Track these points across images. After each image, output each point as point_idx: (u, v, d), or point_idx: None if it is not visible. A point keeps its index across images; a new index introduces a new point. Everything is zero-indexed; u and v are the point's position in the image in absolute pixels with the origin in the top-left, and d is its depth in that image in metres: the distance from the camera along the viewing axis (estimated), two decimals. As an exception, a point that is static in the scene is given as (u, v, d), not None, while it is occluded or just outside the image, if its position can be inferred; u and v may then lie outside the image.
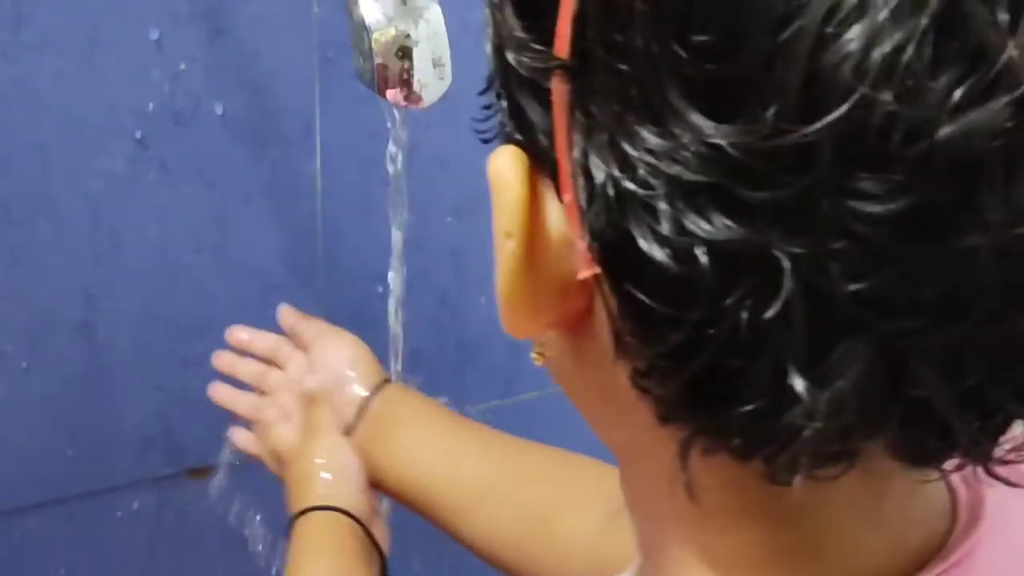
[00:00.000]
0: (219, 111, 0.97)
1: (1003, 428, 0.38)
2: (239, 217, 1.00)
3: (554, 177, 0.40)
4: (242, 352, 0.96)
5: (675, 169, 0.34)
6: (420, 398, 0.93)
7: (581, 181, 0.37)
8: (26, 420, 0.98)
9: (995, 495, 0.44)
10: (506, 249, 0.41)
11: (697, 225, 0.34)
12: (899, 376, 0.35)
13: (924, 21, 0.31)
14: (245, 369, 0.96)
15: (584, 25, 0.36)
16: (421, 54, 0.78)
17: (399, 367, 0.95)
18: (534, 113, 0.40)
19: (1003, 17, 0.32)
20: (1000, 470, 0.39)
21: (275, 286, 1.04)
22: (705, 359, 0.36)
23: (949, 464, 0.39)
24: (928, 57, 0.32)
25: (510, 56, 0.39)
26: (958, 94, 0.32)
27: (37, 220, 0.94)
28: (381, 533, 0.89)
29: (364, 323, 0.96)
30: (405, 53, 0.77)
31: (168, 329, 1.01)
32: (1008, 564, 0.44)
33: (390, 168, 0.85)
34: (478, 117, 0.45)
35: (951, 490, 0.45)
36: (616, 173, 0.36)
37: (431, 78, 0.78)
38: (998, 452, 0.38)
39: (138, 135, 0.95)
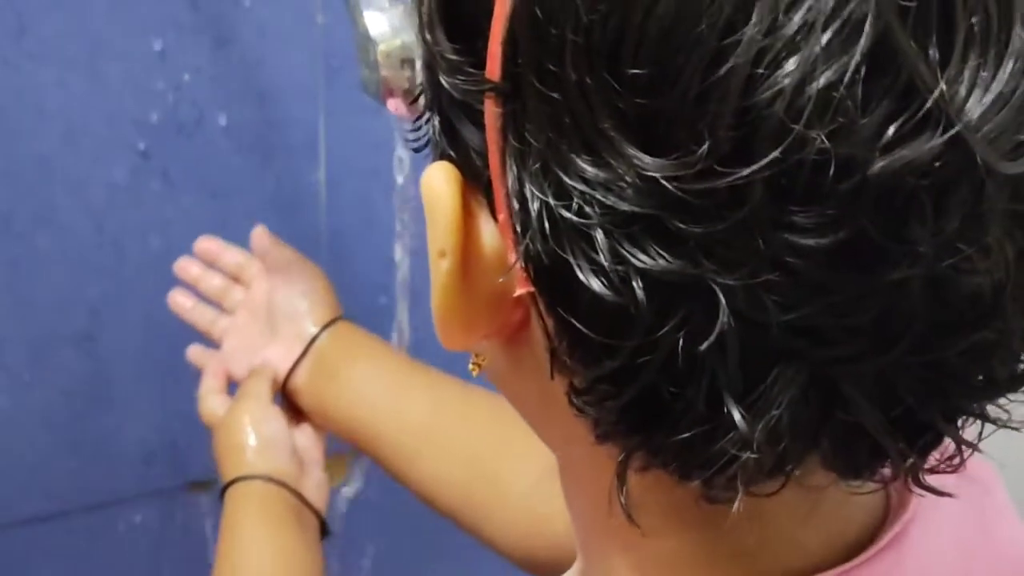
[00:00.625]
0: (223, 122, 0.97)
1: (933, 445, 0.39)
2: (243, 228, 0.99)
3: (488, 195, 0.40)
4: (208, 265, 0.95)
5: (611, 199, 0.34)
6: (368, 336, 0.92)
7: (515, 206, 0.37)
8: (28, 433, 0.97)
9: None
10: (440, 267, 0.41)
11: (633, 255, 0.34)
12: (832, 400, 0.36)
13: (856, 58, 0.31)
14: (208, 283, 0.95)
15: (515, 50, 0.36)
16: (426, 65, 0.77)
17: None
18: (467, 132, 0.39)
19: (933, 53, 0.32)
20: (929, 479, 0.40)
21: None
22: (640, 385, 0.36)
23: (880, 476, 0.40)
24: (859, 94, 0.32)
25: (442, 77, 0.39)
26: (889, 131, 0.32)
27: (39, 231, 0.93)
28: (317, 493, 0.88)
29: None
30: (410, 65, 0.77)
31: (171, 341, 1.00)
32: (936, 542, 0.45)
33: (398, 176, 0.84)
34: (409, 128, 0.44)
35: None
36: (551, 200, 0.35)
37: (437, 90, 0.78)
38: (928, 462, 0.39)
39: (141, 146, 0.95)
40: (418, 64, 0.42)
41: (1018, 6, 0.33)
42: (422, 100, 0.43)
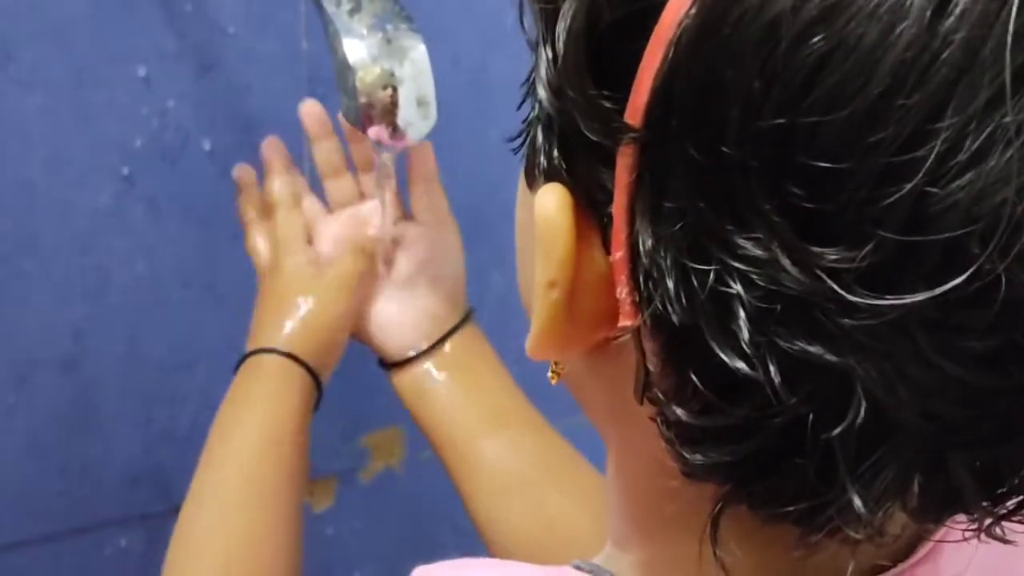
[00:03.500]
0: (207, 147, 0.97)
1: (1018, 511, 0.38)
2: (228, 253, 1.00)
3: (602, 226, 0.38)
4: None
5: (762, 279, 0.33)
6: (490, 349, 0.90)
7: (644, 259, 0.36)
8: (13, 457, 0.97)
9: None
10: (549, 297, 0.40)
11: (779, 336, 0.34)
12: (937, 470, 0.36)
13: None
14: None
15: (669, 105, 0.35)
16: (406, 93, 0.78)
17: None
18: (593, 169, 0.38)
19: None
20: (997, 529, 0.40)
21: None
22: (749, 449, 0.36)
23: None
24: None
25: (578, 118, 0.37)
26: None
27: (23, 257, 0.93)
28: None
29: (356, 354, 0.95)
30: (390, 92, 0.77)
31: (156, 366, 1.00)
32: (967, 554, 0.44)
33: (378, 197, 0.84)
34: (514, 135, 0.43)
35: None
36: (690, 264, 0.35)
37: (416, 117, 0.78)
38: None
39: (125, 171, 0.95)
40: (540, 88, 0.39)
41: None
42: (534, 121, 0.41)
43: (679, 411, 0.37)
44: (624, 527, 0.46)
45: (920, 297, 0.32)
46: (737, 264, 0.34)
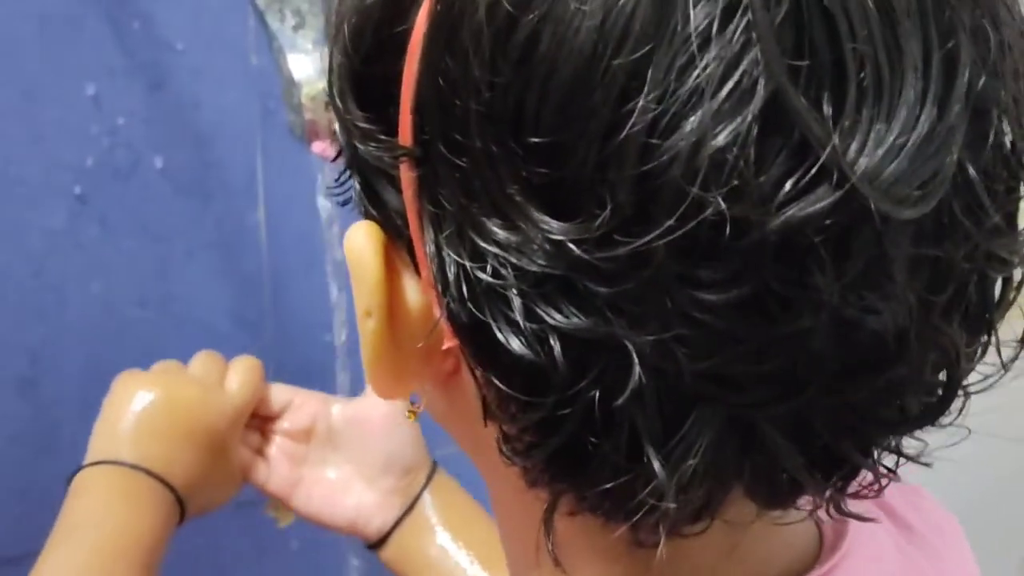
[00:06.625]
0: (159, 164, 0.96)
1: (851, 477, 0.39)
2: (183, 270, 1.00)
3: (411, 253, 0.40)
4: None
5: (523, 261, 0.35)
6: (463, 493, 0.88)
7: (434, 269, 0.38)
8: (-28, 480, 0.96)
9: (857, 526, 0.46)
10: (367, 326, 0.42)
11: (547, 314, 0.35)
12: (749, 440, 0.36)
13: (748, 119, 0.32)
14: None
15: (423, 119, 0.37)
16: (352, 108, 0.77)
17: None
18: (386, 194, 0.40)
19: (827, 109, 0.32)
20: (853, 505, 0.41)
21: (222, 338, 1.03)
22: (562, 438, 0.37)
23: (803, 503, 0.41)
24: (753, 155, 0.32)
25: (356, 143, 0.40)
26: (784, 189, 0.32)
27: (-23, 279, 0.93)
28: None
29: (313, 373, 0.95)
30: (336, 107, 0.77)
31: (115, 384, 1.00)
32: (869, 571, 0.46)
33: (323, 218, 0.84)
34: (332, 184, 0.45)
35: (817, 524, 0.47)
36: (467, 263, 0.36)
37: (363, 131, 0.78)
38: (851, 488, 0.40)
39: (77, 191, 0.94)
40: (336, 128, 0.42)
41: (908, 58, 0.33)
42: (342, 159, 0.43)
43: (503, 420, 0.39)
44: (516, 555, 0.47)
45: (658, 242, 0.33)
46: (501, 252, 0.35)
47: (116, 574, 0.75)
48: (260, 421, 0.88)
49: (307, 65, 0.77)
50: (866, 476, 0.40)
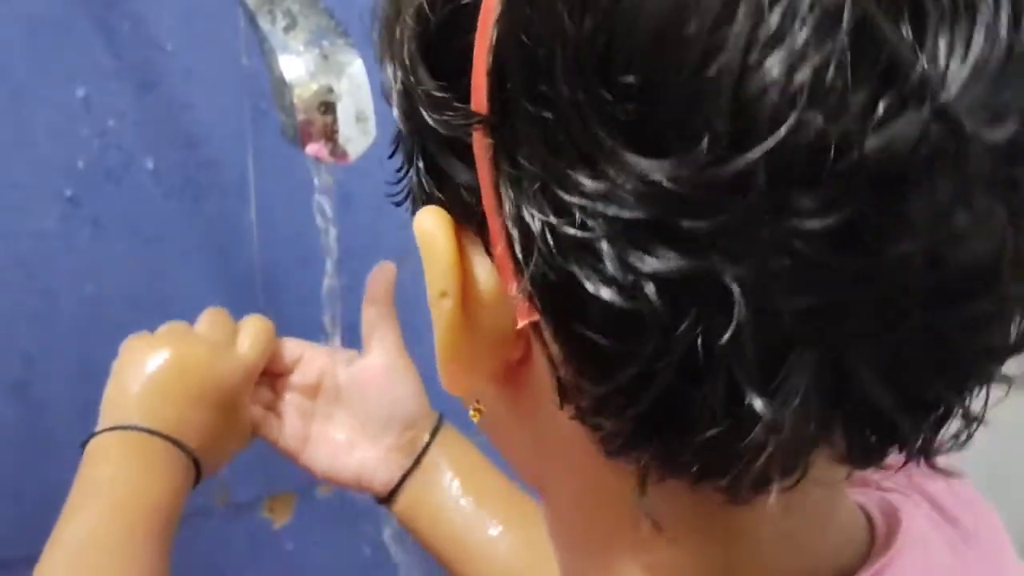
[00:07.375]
0: (150, 166, 0.96)
1: (943, 420, 0.39)
2: (176, 272, 0.99)
3: (481, 232, 0.40)
4: None
5: (612, 209, 0.35)
6: (470, 445, 0.88)
7: (516, 233, 0.37)
8: (-34, 483, 0.96)
9: (910, 522, 0.46)
10: (442, 308, 0.41)
11: (641, 260, 0.35)
12: (845, 382, 0.36)
13: (839, 43, 0.32)
14: None
15: (503, 77, 0.37)
16: (344, 109, 0.77)
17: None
18: (455, 170, 0.40)
19: (907, 32, 0.33)
20: (939, 462, 0.40)
21: (216, 339, 1.03)
22: (658, 390, 0.36)
23: (892, 462, 0.40)
24: (847, 76, 0.32)
25: (428, 116, 0.39)
26: (879, 109, 0.32)
27: (-32, 283, 0.93)
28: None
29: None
30: (328, 108, 0.77)
31: (108, 386, 1.00)
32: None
33: (319, 219, 0.84)
34: (390, 181, 0.44)
35: (869, 519, 0.46)
36: (552, 219, 0.36)
37: (355, 132, 0.78)
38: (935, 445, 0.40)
39: (68, 193, 0.94)
40: (396, 112, 0.42)
41: None
42: (400, 153, 0.43)
43: (587, 385, 0.38)
44: (581, 568, 0.46)
45: (756, 154, 0.33)
46: (588, 203, 0.35)
47: (136, 538, 0.75)
48: (270, 377, 0.88)
49: (298, 66, 0.76)
50: (949, 430, 0.40)
